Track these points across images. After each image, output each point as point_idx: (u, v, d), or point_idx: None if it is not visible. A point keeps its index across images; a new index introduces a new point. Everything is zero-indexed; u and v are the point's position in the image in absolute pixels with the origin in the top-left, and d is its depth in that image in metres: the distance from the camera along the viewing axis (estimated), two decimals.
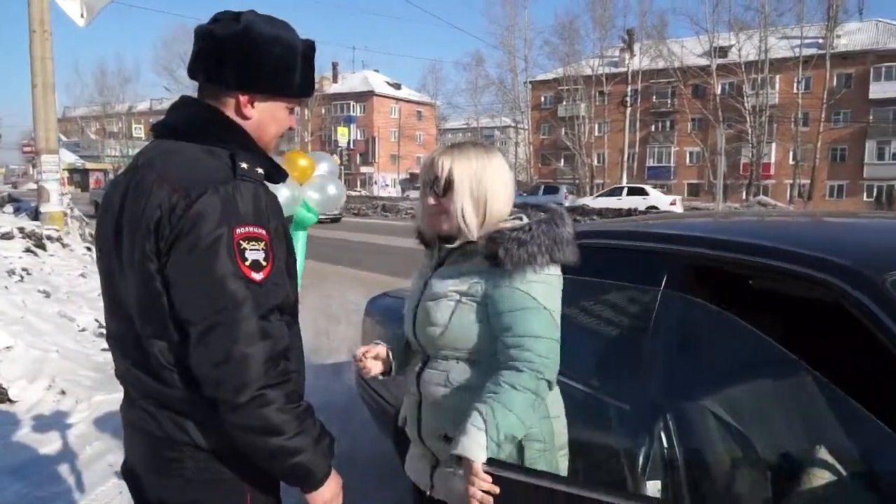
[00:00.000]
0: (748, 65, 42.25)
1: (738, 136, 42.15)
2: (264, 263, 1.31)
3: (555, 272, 1.64)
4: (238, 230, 1.28)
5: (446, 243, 1.75)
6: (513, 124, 58.61)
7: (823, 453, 1.59)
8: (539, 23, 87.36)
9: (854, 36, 43.56)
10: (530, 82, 53.47)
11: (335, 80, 65.92)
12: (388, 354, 1.88)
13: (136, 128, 55.36)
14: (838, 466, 1.55)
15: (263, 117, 1.48)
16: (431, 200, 1.71)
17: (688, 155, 49.55)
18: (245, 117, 1.46)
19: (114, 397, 4.55)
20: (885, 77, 42.44)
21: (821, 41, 42.18)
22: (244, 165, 1.37)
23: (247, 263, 1.28)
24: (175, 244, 1.28)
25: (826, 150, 43.35)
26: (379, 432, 3.57)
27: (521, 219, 1.70)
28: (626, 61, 47.74)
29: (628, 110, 39.29)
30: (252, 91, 1.45)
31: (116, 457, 3.74)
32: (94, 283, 7.49)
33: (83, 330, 5.93)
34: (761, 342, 1.60)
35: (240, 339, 1.26)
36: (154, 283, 1.32)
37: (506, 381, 1.54)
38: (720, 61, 43.89)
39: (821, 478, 1.56)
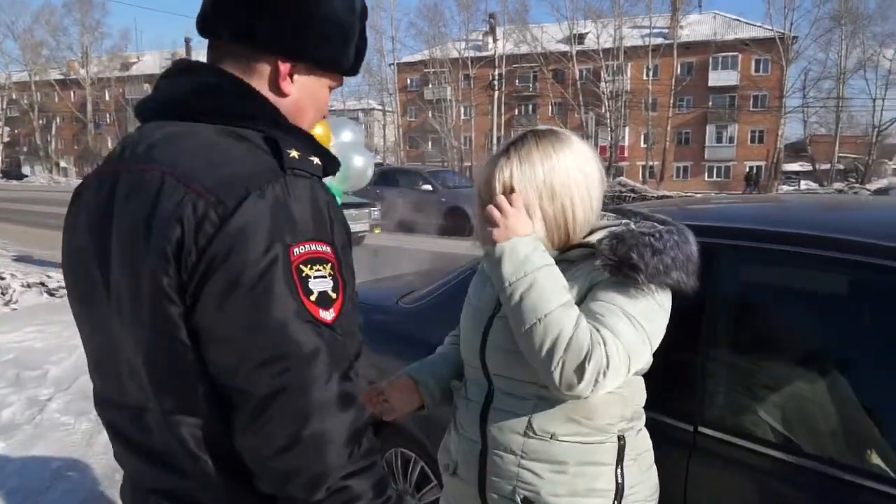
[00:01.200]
0: (604, 52, 44.37)
1: (597, 119, 44.28)
2: (334, 295, 0.92)
3: (668, 300, 1.34)
4: (296, 249, 0.89)
5: None
6: (380, 107, 58.01)
7: None
8: (405, 3, 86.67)
9: (695, 27, 46.97)
10: (397, 64, 53.00)
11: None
12: (415, 386, 1.54)
13: None
14: None
15: (303, 97, 1.07)
16: None
17: None
18: (282, 94, 1.04)
19: None
20: (721, 66, 46.15)
21: (667, 31, 45.15)
22: (294, 154, 0.95)
23: (312, 298, 0.89)
24: (208, 277, 0.87)
25: (673, 133, 46.61)
26: None
27: (626, 224, 1.37)
28: (490, 45, 48.56)
29: (495, 94, 40.01)
30: (296, 58, 1.04)
31: None
32: None
33: None
34: None
35: (313, 410, 0.88)
36: (176, 333, 0.90)
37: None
38: (579, 48, 45.71)
39: None
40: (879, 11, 41.38)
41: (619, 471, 1.37)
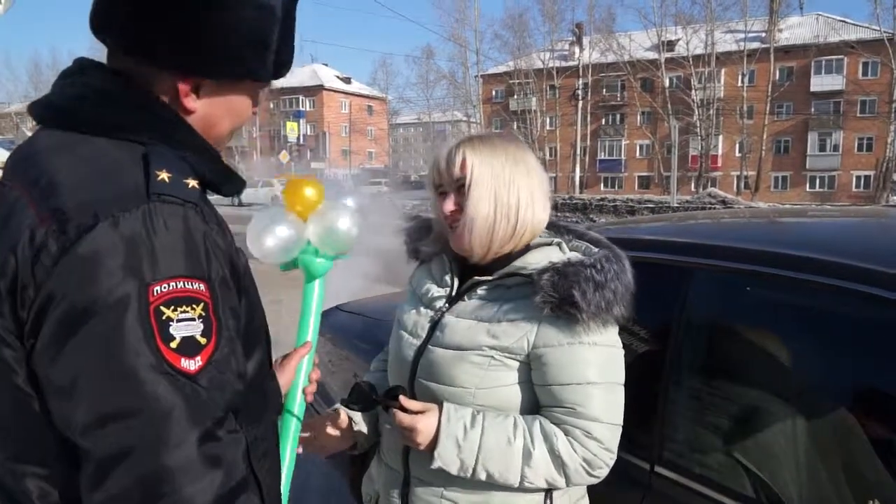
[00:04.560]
0: (695, 58, 42.82)
1: (687, 128, 42.67)
2: (203, 341, 0.80)
3: (616, 336, 1.26)
4: (156, 288, 0.77)
5: (471, 267, 1.33)
6: (465, 118, 58.38)
7: None
8: (489, 15, 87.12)
9: (795, 30, 44.61)
10: (481, 76, 53.18)
11: None
12: (350, 424, 1.44)
13: None
14: None
15: (214, 111, 0.96)
16: (450, 206, 1.28)
17: (638, 148, 50.10)
18: (186, 111, 0.94)
19: None
20: (825, 70, 43.55)
21: (764, 35, 43.13)
22: (163, 176, 0.83)
23: (173, 345, 0.77)
24: (46, 318, 0.76)
25: (770, 142, 44.35)
26: (333, 469, 3.13)
27: (559, 244, 1.31)
28: (576, 55, 47.96)
29: (580, 104, 39.39)
30: (199, 75, 0.92)
31: None
32: None
33: None
34: None
35: (167, 475, 0.75)
36: (14, 379, 0.81)
37: (549, 432, 1.20)
38: (668, 55, 44.37)
39: None
40: None
41: (548, 503, 1.30)
